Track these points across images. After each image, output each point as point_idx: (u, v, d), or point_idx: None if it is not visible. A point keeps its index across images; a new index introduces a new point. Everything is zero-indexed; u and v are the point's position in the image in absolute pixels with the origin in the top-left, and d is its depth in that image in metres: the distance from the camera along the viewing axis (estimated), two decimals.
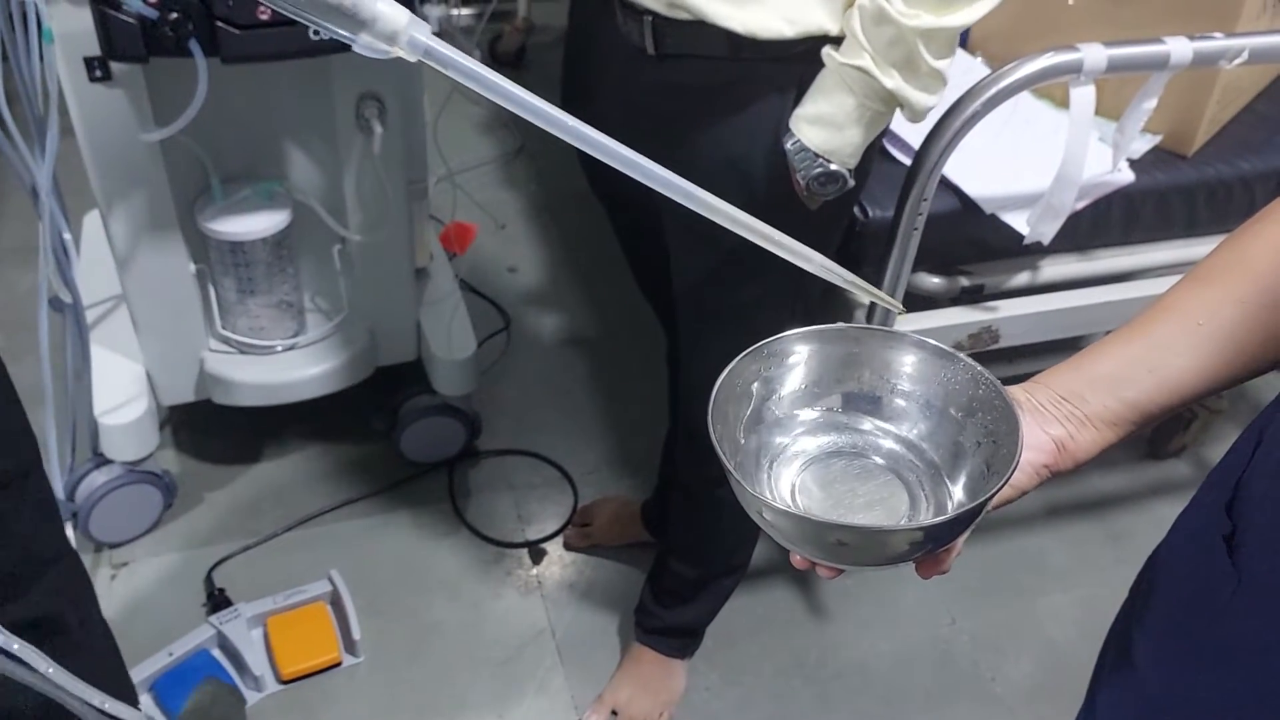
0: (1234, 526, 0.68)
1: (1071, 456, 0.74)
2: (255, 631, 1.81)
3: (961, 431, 0.74)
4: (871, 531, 0.68)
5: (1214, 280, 0.75)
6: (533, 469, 2.20)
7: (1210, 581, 0.68)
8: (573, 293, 2.64)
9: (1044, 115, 1.79)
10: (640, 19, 1.21)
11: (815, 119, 1.17)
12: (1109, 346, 0.76)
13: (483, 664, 1.85)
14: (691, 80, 1.23)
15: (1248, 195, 1.77)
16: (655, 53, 1.23)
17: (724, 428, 0.71)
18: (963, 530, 0.68)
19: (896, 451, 0.77)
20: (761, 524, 0.68)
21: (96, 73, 1.51)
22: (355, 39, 0.54)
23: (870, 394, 0.77)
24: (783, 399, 0.77)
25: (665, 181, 0.63)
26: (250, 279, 1.83)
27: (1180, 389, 0.74)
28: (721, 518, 1.64)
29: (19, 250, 2.53)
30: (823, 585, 2.01)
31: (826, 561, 0.69)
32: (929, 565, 0.71)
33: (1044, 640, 1.96)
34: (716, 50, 1.18)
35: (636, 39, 1.23)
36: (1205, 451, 2.31)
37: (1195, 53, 1.41)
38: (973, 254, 1.69)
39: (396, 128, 1.73)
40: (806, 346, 0.76)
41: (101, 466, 1.89)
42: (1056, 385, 0.76)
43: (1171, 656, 0.73)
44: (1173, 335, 0.75)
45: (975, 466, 0.73)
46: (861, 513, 0.73)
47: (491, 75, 0.56)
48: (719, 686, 1.85)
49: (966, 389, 0.74)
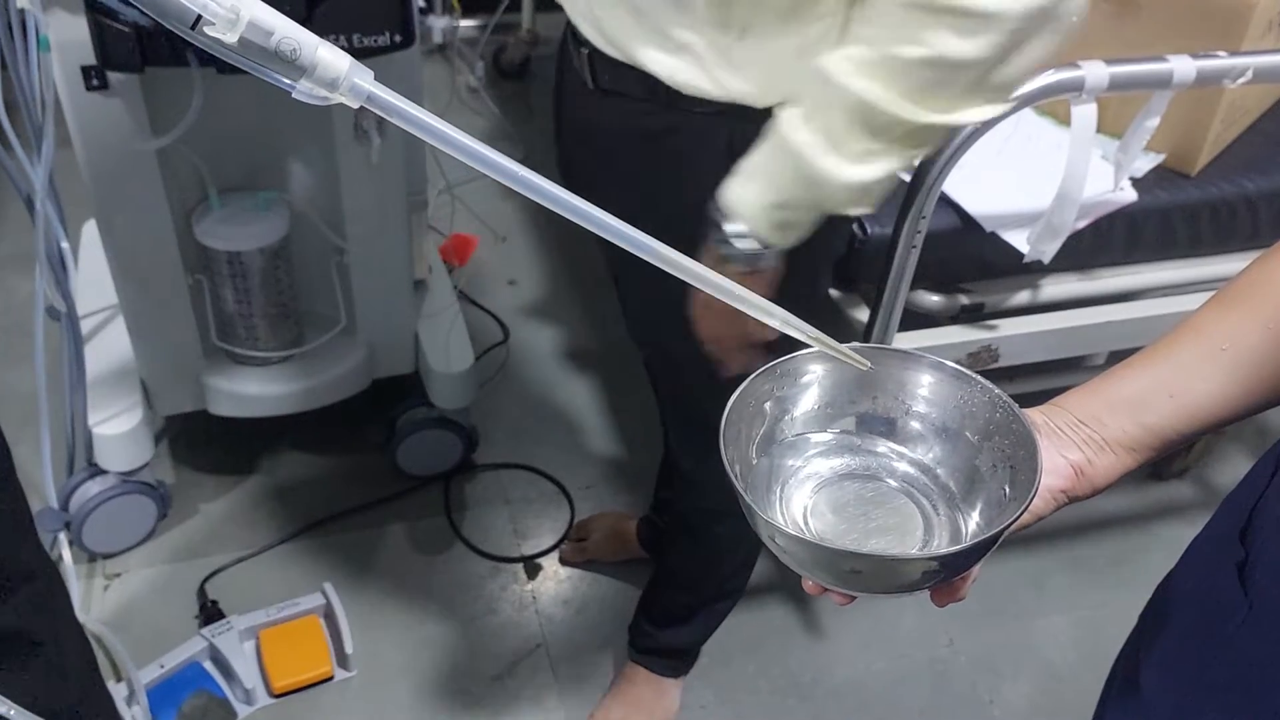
0: (1246, 554, 0.67)
1: (1090, 482, 0.73)
2: (247, 644, 1.80)
3: (978, 455, 0.73)
4: (886, 560, 0.67)
5: (1238, 304, 0.74)
6: (529, 483, 2.19)
7: (1221, 608, 0.67)
8: (572, 306, 2.63)
9: (1046, 132, 1.78)
10: (579, 51, 1.19)
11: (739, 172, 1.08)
12: (1130, 369, 0.75)
13: (476, 679, 1.84)
14: (630, 122, 1.19)
15: (1251, 215, 1.76)
16: (594, 86, 1.20)
17: (735, 449, 0.70)
18: (979, 559, 0.67)
19: (911, 475, 0.75)
20: (773, 549, 0.67)
21: (93, 82, 1.50)
22: (294, 86, 0.53)
23: (885, 416, 0.76)
24: (795, 419, 0.76)
25: (610, 229, 0.61)
26: (247, 290, 1.83)
27: (1201, 415, 0.73)
28: (718, 550, 1.63)
29: (18, 257, 2.53)
30: (819, 604, 1.99)
31: (839, 588, 0.68)
32: (944, 593, 0.70)
33: (1043, 662, 1.95)
34: (646, 94, 1.14)
35: (582, 71, 1.21)
36: (1208, 473, 2.30)
37: (1199, 71, 1.41)
38: (972, 272, 1.68)
39: (395, 139, 1.73)
40: (820, 366, 0.75)
41: (96, 476, 1.88)
42: (1075, 408, 0.74)
43: (1179, 682, 0.72)
44: (1195, 359, 0.73)
45: (992, 491, 0.71)
46: (875, 537, 0.72)
47: (433, 120, 0.55)
48: (713, 705, 1.84)
49: (983, 412, 0.73)
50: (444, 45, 3.44)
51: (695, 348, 1.28)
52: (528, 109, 3.36)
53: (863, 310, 1.65)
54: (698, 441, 1.47)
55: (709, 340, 1.18)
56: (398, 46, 1.51)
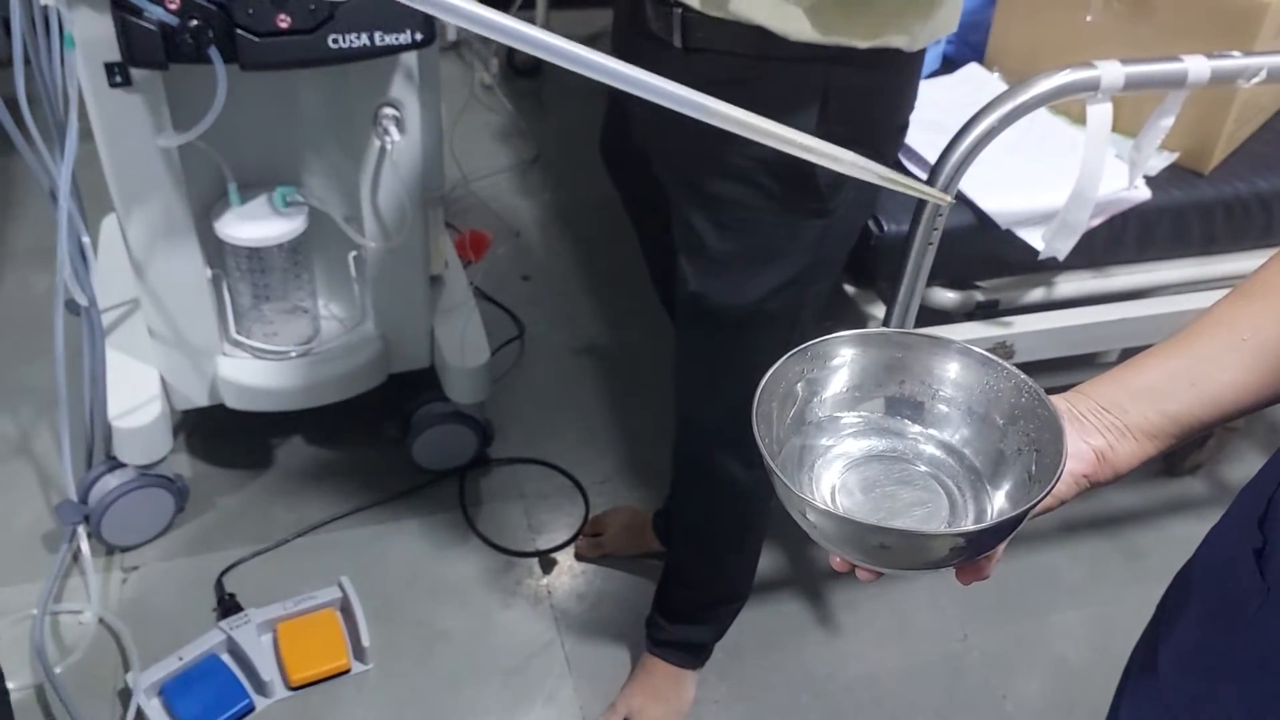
0: (1265, 540, 0.68)
1: (1111, 467, 0.74)
2: (265, 637, 1.81)
3: (1003, 439, 0.75)
4: (914, 535, 0.68)
5: (1260, 295, 0.75)
6: (544, 478, 2.20)
7: (1239, 594, 0.68)
8: (587, 301, 2.64)
9: (1061, 131, 1.79)
10: (671, 12, 1.21)
11: None
12: (1152, 358, 0.76)
13: (491, 673, 1.85)
14: (715, 76, 1.22)
15: (1265, 213, 1.77)
16: (682, 46, 1.22)
17: (766, 426, 0.72)
18: (1004, 538, 0.69)
19: (938, 457, 0.77)
20: (803, 524, 0.69)
21: (116, 78, 1.51)
22: None
23: (913, 399, 0.78)
24: (825, 401, 0.78)
25: (677, 97, 0.62)
26: (265, 285, 1.84)
27: (1222, 403, 0.74)
28: (718, 549, 1.66)
29: (37, 252, 2.55)
30: (833, 599, 2.00)
31: (867, 564, 0.69)
32: (969, 571, 0.71)
33: (1056, 658, 1.95)
34: (744, 47, 1.18)
35: (664, 33, 1.23)
36: (1222, 469, 2.30)
37: (1213, 71, 1.41)
38: (988, 269, 1.69)
39: (413, 136, 1.74)
40: (851, 350, 0.77)
41: (115, 470, 1.89)
42: (1098, 395, 0.76)
43: (1197, 668, 0.73)
44: (1216, 349, 0.74)
45: (1017, 474, 0.73)
46: (902, 516, 0.73)
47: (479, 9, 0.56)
48: (727, 700, 1.85)
49: (1009, 396, 0.74)
50: (458, 43, 3.45)
51: (747, 296, 1.29)
52: (541, 106, 3.37)
53: (879, 306, 1.66)
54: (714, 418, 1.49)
55: None
56: (418, 45, 1.52)
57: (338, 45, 1.46)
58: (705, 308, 1.39)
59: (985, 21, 1.96)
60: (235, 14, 1.42)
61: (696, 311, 1.41)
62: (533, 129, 3.19)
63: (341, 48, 1.47)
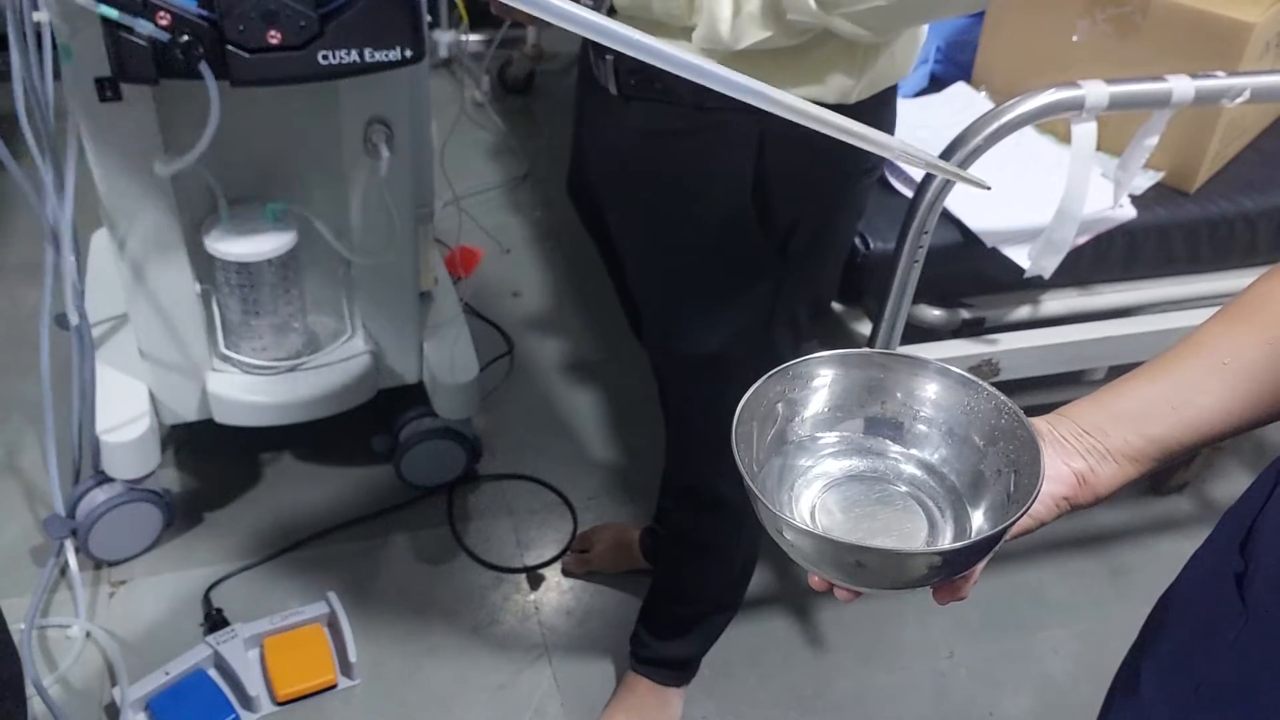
0: (1246, 565, 0.68)
1: (1092, 490, 0.74)
2: (252, 652, 1.80)
3: (983, 460, 0.75)
4: (891, 554, 0.68)
5: (1242, 319, 0.75)
6: (533, 494, 2.20)
7: (1219, 618, 0.68)
8: (576, 318, 2.65)
9: (1046, 150, 1.80)
10: (603, 58, 1.22)
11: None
12: (1134, 381, 0.77)
13: (479, 689, 1.85)
14: (652, 125, 1.23)
15: (1250, 232, 1.78)
16: (618, 94, 1.23)
17: (746, 446, 0.72)
18: (981, 557, 0.69)
19: (918, 477, 0.77)
20: (781, 543, 0.69)
21: (107, 93, 1.52)
22: None
23: (893, 419, 0.78)
24: (805, 421, 0.78)
25: (726, 81, 0.63)
26: (255, 300, 1.84)
27: (1203, 427, 0.74)
28: (706, 562, 1.66)
29: (26, 267, 2.55)
30: (820, 616, 2.00)
31: (845, 583, 0.70)
32: (946, 591, 0.72)
33: (1042, 675, 1.95)
34: (676, 97, 1.17)
35: (604, 79, 1.24)
36: (1207, 488, 2.31)
37: (1197, 91, 1.42)
38: (974, 287, 1.70)
39: (404, 152, 1.74)
40: (831, 370, 0.78)
41: (102, 484, 1.89)
42: (1079, 418, 0.76)
43: (1178, 691, 0.73)
44: (1198, 373, 0.75)
45: (995, 495, 0.73)
46: (880, 535, 0.74)
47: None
48: (714, 716, 1.85)
49: (989, 418, 0.75)
50: (450, 60, 3.47)
51: (707, 347, 1.29)
52: (532, 124, 3.38)
53: (865, 324, 1.66)
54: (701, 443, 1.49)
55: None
56: (408, 61, 1.53)
57: (328, 61, 1.47)
58: (668, 354, 1.40)
59: (972, 41, 1.97)
60: (226, 30, 1.42)
61: (663, 355, 1.42)
62: (523, 146, 3.20)
63: (332, 64, 1.47)
